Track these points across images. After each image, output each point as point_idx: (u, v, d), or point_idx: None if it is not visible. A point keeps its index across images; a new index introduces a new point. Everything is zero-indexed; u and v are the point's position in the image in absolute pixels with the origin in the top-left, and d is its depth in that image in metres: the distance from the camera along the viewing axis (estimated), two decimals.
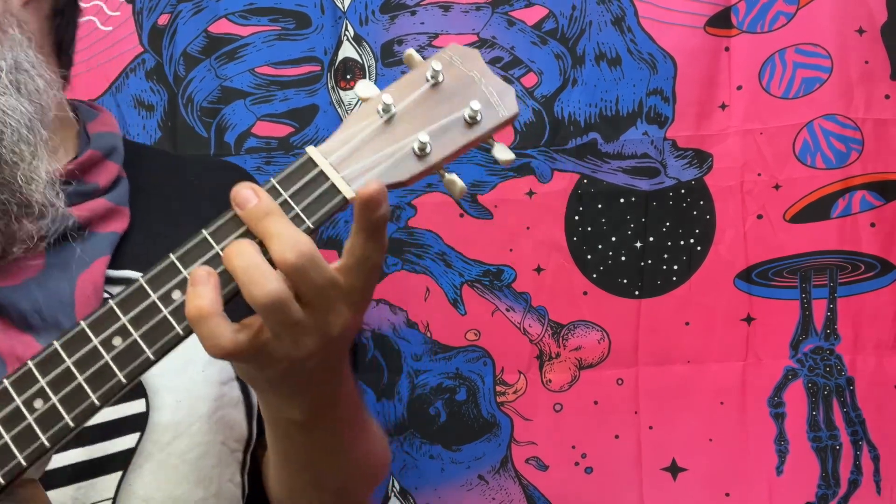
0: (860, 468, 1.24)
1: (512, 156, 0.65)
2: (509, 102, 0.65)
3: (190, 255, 0.60)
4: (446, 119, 0.63)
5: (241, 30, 1.27)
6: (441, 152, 0.63)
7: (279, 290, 0.57)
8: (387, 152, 0.62)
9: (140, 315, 0.60)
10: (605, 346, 1.25)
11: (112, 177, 0.87)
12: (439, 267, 1.26)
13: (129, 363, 0.60)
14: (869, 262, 1.24)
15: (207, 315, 0.57)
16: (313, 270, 0.58)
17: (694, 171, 1.25)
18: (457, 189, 0.64)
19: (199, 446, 0.82)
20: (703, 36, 1.24)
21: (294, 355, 0.60)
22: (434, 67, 0.64)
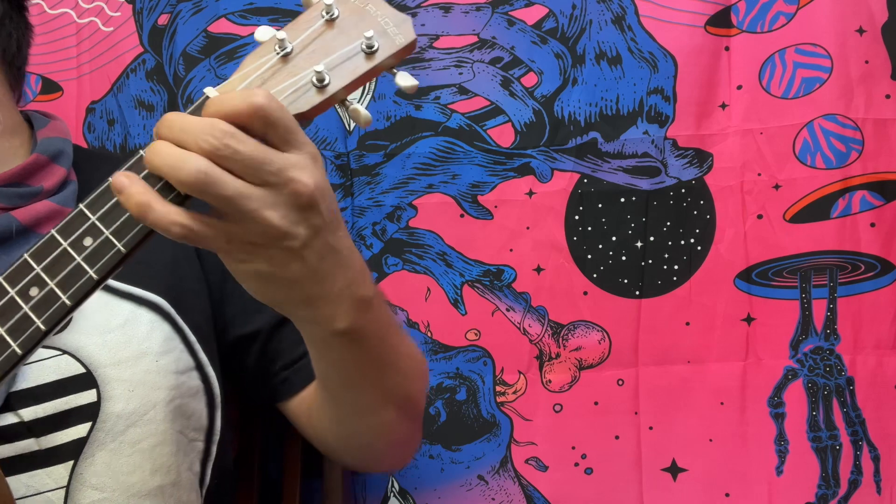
0: (860, 468, 1.24)
1: (414, 82, 0.66)
2: (406, 30, 0.66)
3: (98, 201, 0.61)
4: (343, 50, 0.64)
5: (240, 30, 1.27)
6: (340, 82, 0.63)
7: (200, 163, 0.57)
8: (285, 85, 0.63)
9: (53, 263, 0.61)
10: (606, 347, 1.25)
11: (58, 180, 0.88)
12: (440, 267, 1.26)
13: (46, 311, 0.61)
14: (869, 262, 1.24)
15: (148, 201, 0.57)
16: (237, 143, 0.57)
17: (694, 171, 1.25)
18: (361, 118, 0.65)
19: (154, 435, 0.83)
20: (703, 35, 1.24)
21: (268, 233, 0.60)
22: (326, 3, 0.65)
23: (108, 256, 0.61)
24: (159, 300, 0.87)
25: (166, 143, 0.58)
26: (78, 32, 1.30)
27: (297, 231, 0.61)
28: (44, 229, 0.84)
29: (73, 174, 0.90)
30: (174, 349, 0.86)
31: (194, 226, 0.58)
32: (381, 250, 1.27)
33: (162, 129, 0.59)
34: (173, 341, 0.87)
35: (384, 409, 0.82)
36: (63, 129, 0.93)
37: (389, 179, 1.26)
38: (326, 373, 0.78)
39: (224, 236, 0.60)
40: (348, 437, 0.87)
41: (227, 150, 0.57)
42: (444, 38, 1.26)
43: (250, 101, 0.58)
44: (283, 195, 0.59)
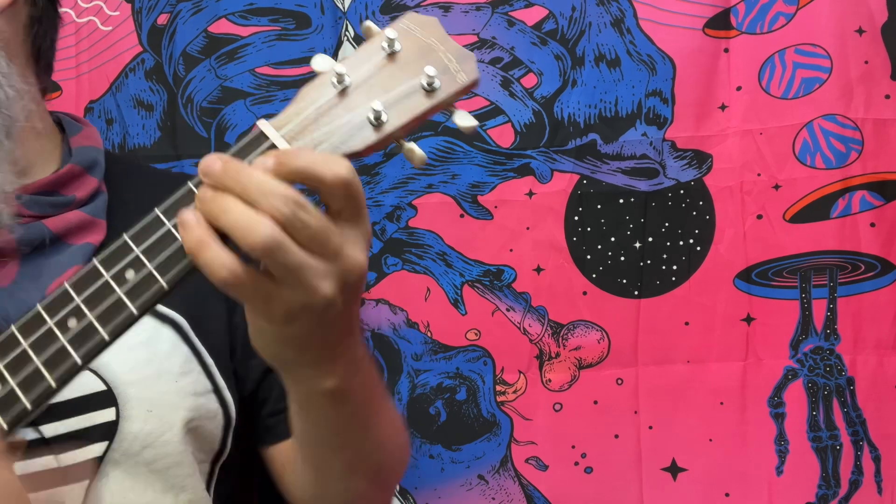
0: (861, 468, 1.24)
1: (474, 122, 0.63)
2: (469, 68, 0.63)
3: (143, 234, 0.59)
4: (402, 87, 0.62)
5: (241, 30, 1.28)
6: (398, 121, 0.61)
7: (274, 231, 0.55)
8: (341, 122, 0.61)
9: (94, 295, 0.59)
10: (605, 346, 1.26)
11: (90, 190, 0.86)
12: (440, 267, 1.27)
13: (85, 344, 0.59)
14: (869, 262, 1.24)
15: (207, 241, 0.56)
16: (307, 216, 0.56)
17: (693, 172, 1.25)
18: (416, 158, 0.62)
19: (168, 456, 0.82)
20: (701, 37, 1.24)
21: (311, 303, 0.58)
22: (389, 36, 0.62)
23: (150, 292, 0.59)
24: (180, 319, 0.86)
25: (235, 201, 0.56)
26: (77, 32, 1.30)
27: (336, 304, 0.60)
28: (74, 239, 0.83)
29: (103, 185, 0.88)
30: (192, 371, 0.85)
31: (243, 277, 0.57)
32: (381, 250, 1.27)
33: (227, 181, 0.56)
34: (191, 363, 0.86)
35: (356, 476, 0.81)
36: (96, 136, 0.92)
37: (389, 179, 1.27)
38: (304, 430, 0.76)
39: (266, 296, 0.58)
40: (319, 500, 0.85)
41: (299, 222, 0.56)
42: None
43: (337, 173, 0.57)
44: (336, 269, 0.58)
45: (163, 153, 1.28)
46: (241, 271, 0.56)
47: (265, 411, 0.91)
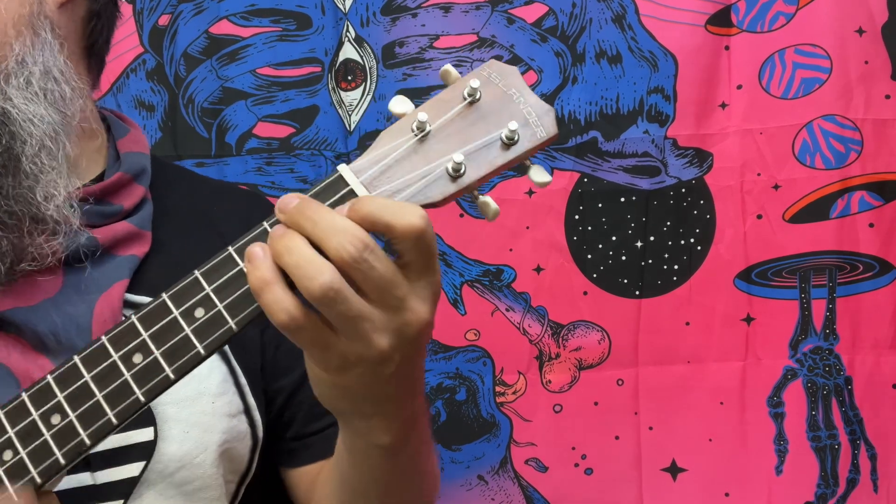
0: (858, 467, 1.26)
1: (549, 178, 0.63)
2: (548, 123, 0.62)
3: (215, 271, 0.59)
4: (483, 139, 0.61)
5: (242, 31, 1.28)
6: (476, 173, 0.61)
7: (333, 279, 0.55)
8: (420, 172, 0.60)
9: (161, 331, 0.59)
10: (605, 347, 1.27)
11: (137, 199, 0.84)
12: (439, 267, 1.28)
13: (149, 381, 0.59)
14: (868, 263, 1.25)
15: (271, 282, 0.55)
16: (375, 260, 0.56)
17: (694, 171, 1.26)
18: (490, 212, 0.62)
19: (200, 478, 0.82)
20: (704, 34, 1.25)
21: (367, 355, 0.58)
22: (472, 85, 0.62)
23: (219, 333, 0.58)
24: None
25: (303, 241, 0.56)
26: None
27: (394, 358, 0.58)
28: (120, 251, 0.82)
29: (149, 193, 0.87)
30: (228, 391, 0.85)
31: (303, 322, 0.56)
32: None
33: (300, 218, 0.57)
34: (227, 383, 0.85)
35: None
36: (143, 140, 0.91)
37: None
38: (351, 475, 0.76)
39: (324, 344, 0.58)
40: None
41: (365, 265, 0.55)
42: (444, 37, 1.27)
43: (411, 222, 0.56)
44: (396, 322, 0.57)
45: (164, 153, 1.28)
46: (300, 316, 0.56)
47: (289, 434, 0.91)
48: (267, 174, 1.27)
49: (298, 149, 1.27)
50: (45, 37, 0.78)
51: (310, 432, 0.89)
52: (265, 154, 1.28)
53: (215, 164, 1.28)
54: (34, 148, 0.75)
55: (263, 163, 1.28)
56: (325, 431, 0.89)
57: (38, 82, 0.76)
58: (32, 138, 0.75)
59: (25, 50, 0.76)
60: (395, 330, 0.57)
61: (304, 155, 1.27)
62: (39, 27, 0.78)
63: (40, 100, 0.76)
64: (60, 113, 0.78)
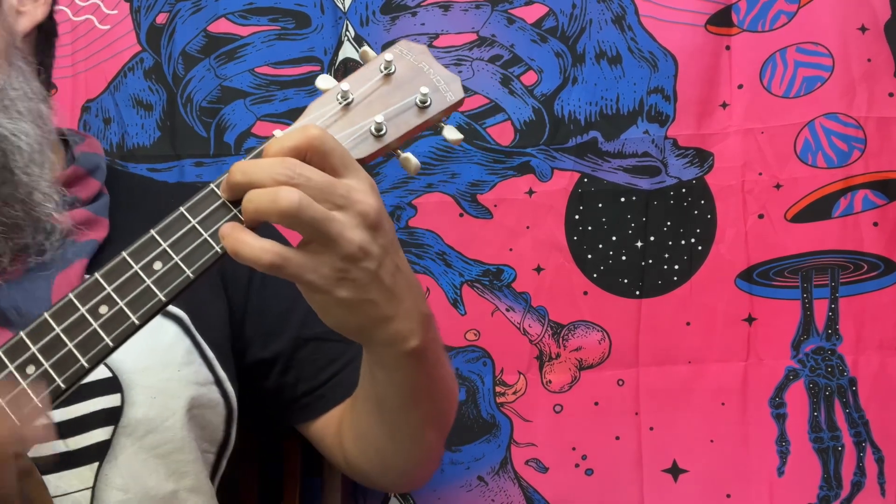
0: (863, 470, 1.26)
1: (460, 136, 0.74)
2: (456, 89, 0.74)
3: (169, 229, 0.67)
4: (400, 104, 0.72)
5: (240, 29, 1.30)
6: (395, 132, 0.72)
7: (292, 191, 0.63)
8: (346, 133, 0.70)
9: (123, 284, 0.66)
10: (606, 347, 1.28)
11: (93, 191, 0.95)
12: (439, 267, 1.29)
13: (116, 328, 0.66)
14: (871, 262, 1.26)
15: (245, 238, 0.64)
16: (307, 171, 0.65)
17: (695, 171, 1.28)
18: (412, 166, 0.72)
19: (171, 441, 0.89)
20: (704, 34, 1.26)
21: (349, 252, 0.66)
22: (386, 59, 0.73)
23: (177, 281, 0.67)
24: (181, 313, 0.93)
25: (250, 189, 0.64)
26: (73, 30, 1.32)
27: (372, 250, 0.67)
28: (79, 236, 0.91)
29: (105, 188, 0.97)
30: (194, 362, 0.92)
31: (286, 254, 0.64)
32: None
33: (237, 176, 0.66)
34: (193, 354, 0.92)
35: (429, 429, 0.88)
36: (97, 146, 1.01)
37: (389, 179, 1.29)
38: (386, 395, 0.82)
39: (312, 265, 0.66)
40: (389, 461, 0.91)
41: (301, 178, 0.64)
42: (443, 36, 1.29)
43: (306, 134, 0.65)
44: (354, 215, 0.66)
45: (162, 153, 1.31)
46: (282, 249, 0.64)
47: (300, 390, 0.98)
48: None
49: None
50: (18, 65, 0.90)
51: (320, 383, 0.97)
52: None
53: (214, 163, 1.30)
54: (24, 160, 0.86)
55: None
56: (335, 378, 0.97)
57: (20, 104, 0.88)
58: (22, 152, 0.86)
59: (4, 79, 0.88)
60: (358, 221, 0.66)
61: None
62: (13, 57, 0.90)
63: (24, 118, 0.87)
64: (41, 128, 0.90)
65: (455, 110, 0.75)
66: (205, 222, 0.67)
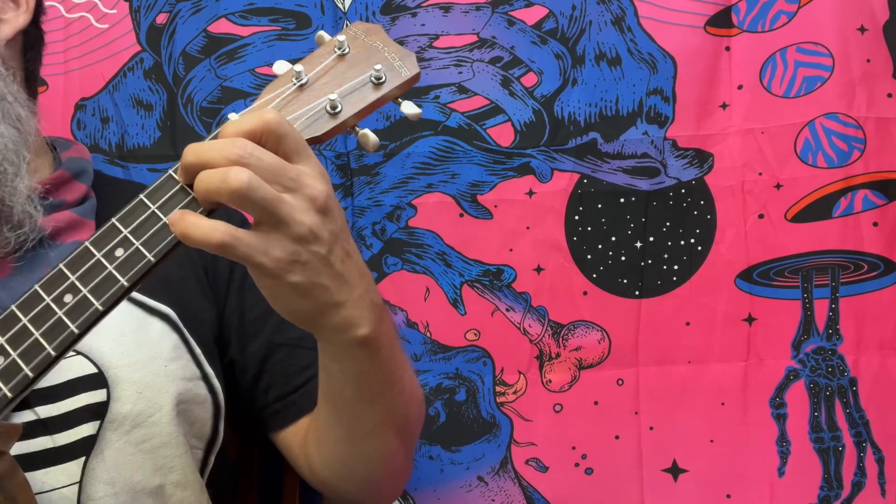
0: (864, 470, 1.27)
1: (418, 110, 0.75)
2: (410, 64, 0.76)
3: (129, 216, 0.68)
4: (354, 81, 0.74)
5: (241, 30, 1.31)
6: (351, 109, 0.73)
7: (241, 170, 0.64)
8: (301, 112, 0.72)
9: (86, 272, 0.68)
10: (606, 347, 1.29)
11: (79, 194, 0.97)
12: (439, 267, 1.30)
13: (80, 315, 0.67)
14: (872, 262, 1.27)
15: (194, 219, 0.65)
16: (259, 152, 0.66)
17: (694, 171, 1.28)
18: (370, 142, 0.74)
19: (158, 436, 0.90)
20: (703, 36, 1.27)
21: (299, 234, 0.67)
22: (339, 40, 0.75)
23: (138, 266, 0.67)
24: (168, 311, 0.94)
25: (203, 170, 0.66)
26: (66, 27, 1.33)
27: (322, 234, 0.68)
28: (65, 238, 0.93)
29: (91, 192, 0.99)
30: (181, 357, 0.93)
31: (236, 233, 0.65)
32: (381, 250, 1.30)
33: (189, 157, 0.67)
34: (180, 350, 0.93)
35: (387, 430, 0.88)
36: (85, 151, 1.03)
37: (389, 179, 1.30)
38: (340, 388, 0.83)
39: (263, 247, 0.66)
40: (349, 465, 0.91)
41: (252, 157, 0.65)
42: (443, 37, 1.30)
43: (262, 117, 0.67)
44: (303, 199, 0.67)
45: (162, 153, 1.31)
46: (232, 229, 0.65)
47: (271, 396, 0.98)
48: None
49: None
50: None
51: (291, 390, 0.97)
52: None
53: None
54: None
55: None
56: (304, 386, 0.97)
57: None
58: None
59: None
60: (308, 205, 0.67)
61: None
62: None
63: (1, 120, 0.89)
64: (17, 130, 0.91)
65: (411, 85, 0.76)
66: (164, 207, 0.68)
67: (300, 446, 0.97)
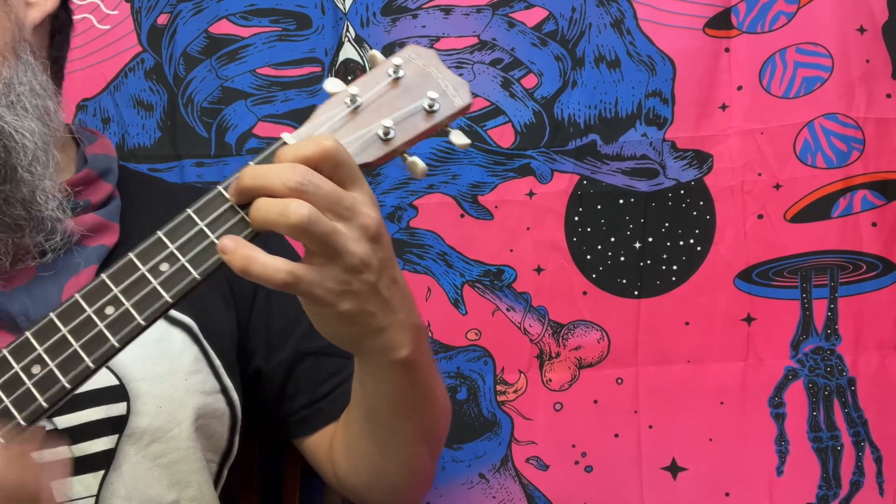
0: (862, 469, 1.28)
1: (467, 140, 0.75)
2: (464, 94, 0.75)
3: (176, 231, 0.68)
4: (407, 108, 0.73)
5: (241, 31, 1.32)
6: (403, 136, 0.72)
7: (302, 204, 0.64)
8: (354, 137, 0.71)
9: (130, 286, 0.67)
10: (605, 346, 1.30)
11: (105, 195, 0.94)
12: (440, 267, 1.31)
13: (122, 329, 0.67)
14: (870, 262, 1.28)
15: (253, 255, 0.65)
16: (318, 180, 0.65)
17: (694, 172, 1.30)
18: (418, 170, 0.73)
19: (175, 451, 0.89)
20: (701, 38, 1.29)
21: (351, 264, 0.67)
22: (395, 63, 0.74)
23: (183, 283, 0.67)
24: (189, 321, 0.93)
25: (261, 197, 0.65)
26: None
27: (373, 262, 0.68)
28: (89, 241, 0.91)
29: (116, 191, 0.96)
30: (201, 370, 0.92)
31: (299, 270, 0.65)
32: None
33: (247, 181, 0.66)
34: (200, 363, 0.93)
35: (419, 443, 0.88)
36: (110, 146, 1.01)
37: (390, 180, 1.31)
38: (376, 405, 0.83)
39: (319, 280, 0.66)
40: (378, 475, 0.92)
41: (311, 185, 0.65)
42: (444, 39, 1.31)
43: (320, 144, 0.66)
44: (356, 228, 0.67)
45: (163, 153, 1.32)
46: (291, 267, 0.65)
47: (298, 404, 0.98)
48: None
49: None
50: (26, 59, 0.89)
51: (318, 397, 0.97)
52: None
53: (215, 163, 1.32)
54: (28, 158, 0.85)
55: None
56: (333, 392, 0.97)
57: (26, 100, 0.87)
58: (26, 150, 0.85)
59: (11, 73, 0.86)
60: (361, 234, 0.67)
61: None
62: (21, 51, 0.89)
63: (29, 115, 0.86)
64: (47, 125, 0.88)
65: (463, 115, 0.76)
66: (212, 225, 0.67)
67: (326, 452, 0.97)
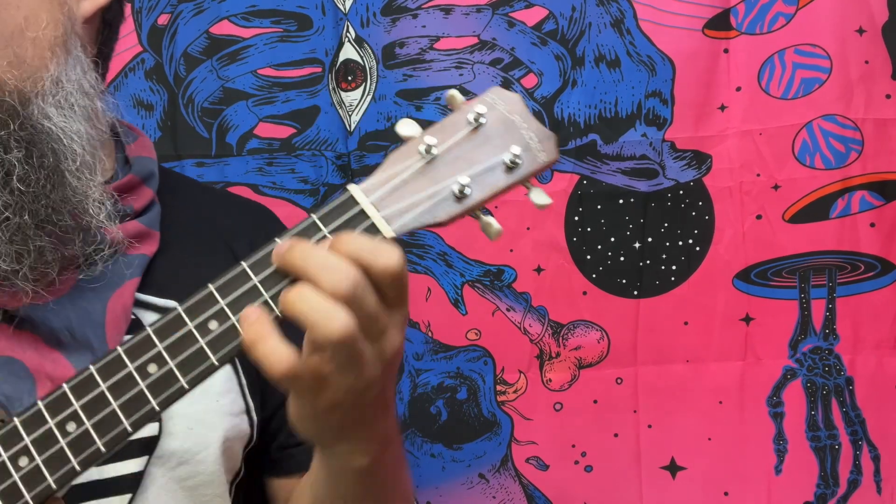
0: (860, 468, 1.30)
1: (549, 200, 0.68)
2: (549, 148, 0.68)
3: (228, 286, 0.62)
4: (487, 163, 0.66)
5: (242, 31, 1.32)
6: (480, 195, 0.66)
7: (350, 323, 0.59)
8: (427, 193, 0.65)
9: (176, 343, 0.62)
10: (605, 346, 1.31)
11: (146, 201, 0.89)
12: (440, 267, 1.32)
13: (164, 391, 0.62)
14: (869, 262, 1.29)
15: (266, 335, 0.60)
16: (366, 294, 0.60)
17: (693, 172, 1.31)
18: (493, 231, 0.67)
19: (200, 475, 0.86)
20: (701, 38, 1.29)
21: (357, 386, 0.62)
22: (477, 111, 0.67)
23: (232, 345, 0.62)
24: None
25: (311, 288, 0.60)
26: None
27: (375, 384, 0.64)
28: (131, 250, 0.86)
29: (156, 198, 0.91)
30: (231, 390, 0.89)
31: (299, 370, 0.61)
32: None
33: (296, 260, 0.61)
34: (231, 381, 0.90)
35: None
36: (150, 146, 0.95)
37: None
38: (325, 496, 0.80)
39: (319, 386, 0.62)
40: None
41: (357, 301, 0.59)
42: (444, 39, 1.31)
43: (387, 263, 0.61)
44: (378, 351, 0.63)
45: (163, 153, 1.28)
46: (298, 366, 0.60)
47: (275, 444, 0.95)
48: (268, 174, 1.31)
49: (299, 149, 1.31)
50: (76, 54, 0.82)
51: (294, 443, 0.94)
52: (266, 154, 1.32)
53: (216, 164, 1.32)
54: (76, 163, 0.80)
55: (264, 163, 1.32)
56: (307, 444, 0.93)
57: (74, 100, 0.81)
58: (74, 154, 0.80)
59: (60, 70, 0.80)
60: (380, 358, 0.63)
61: (305, 155, 1.31)
62: (72, 46, 0.82)
63: (77, 116, 0.81)
64: (95, 128, 0.83)
65: (546, 170, 0.70)
66: (265, 282, 0.62)
67: (284, 501, 0.95)
